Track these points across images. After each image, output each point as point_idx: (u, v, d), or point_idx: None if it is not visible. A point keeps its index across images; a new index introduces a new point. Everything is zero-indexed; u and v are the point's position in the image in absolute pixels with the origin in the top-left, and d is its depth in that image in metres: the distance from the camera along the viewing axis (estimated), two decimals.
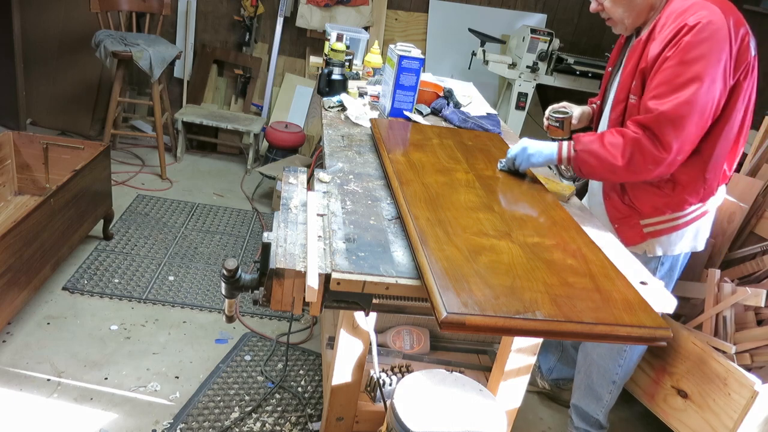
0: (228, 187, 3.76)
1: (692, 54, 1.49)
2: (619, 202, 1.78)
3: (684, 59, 1.50)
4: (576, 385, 2.12)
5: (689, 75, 1.49)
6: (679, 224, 1.74)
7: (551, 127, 2.00)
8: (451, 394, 1.43)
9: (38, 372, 2.08)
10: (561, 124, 1.97)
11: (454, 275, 1.12)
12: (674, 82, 1.51)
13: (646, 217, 1.75)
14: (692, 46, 1.49)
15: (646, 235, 1.76)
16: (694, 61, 1.49)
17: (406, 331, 2.17)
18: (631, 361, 1.98)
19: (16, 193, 2.84)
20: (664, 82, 1.53)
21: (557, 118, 1.97)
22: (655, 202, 1.71)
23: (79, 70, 3.92)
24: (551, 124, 1.99)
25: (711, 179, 1.66)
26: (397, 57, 2.04)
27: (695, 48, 1.49)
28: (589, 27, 4.44)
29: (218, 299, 2.63)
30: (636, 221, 1.76)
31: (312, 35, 4.19)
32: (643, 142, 1.53)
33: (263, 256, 1.24)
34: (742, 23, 1.57)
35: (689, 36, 1.49)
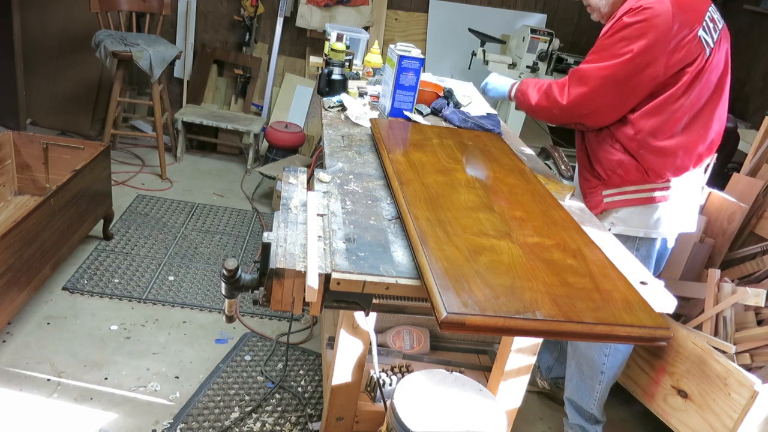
0: (228, 187, 3.76)
1: (623, 32, 1.64)
2: (587, 173, 1.92)
3: (614, 34, 1.66)
4: (568, 378, 2.13)
5: (612, 50, 1.65)
6: (636, 198, 1.82)
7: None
8: (451, 394, 1.43)
9: (38, 372, 2.08)
10: None
11: (454, 275, 1.12)
12: (599, 53, 1.69)
13: (608, 187, 1.86)
14: (625, 24, 1.64)
15: (606, 205, 1.86)
16: (621, 39, 1.64)
17: (406, 331, 2.17)
18: (617, 351, 2.00)
19: (16, 193, 2.84)
20: (592, 51, 1.73)
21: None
22: (613, 168, 1.82)
23: (79, 70, 3.92)
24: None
25: (652, 160, 1.75)
26: (397, 57, 2.03)
27: (627, 27, 1.63)
28: (589, 27, 4.44)
29: (218, 299, 2.63)
30: (600, 191, 1.88)
31: (312, 35, 4.20)
32: (554, 89, 1.77)
33: (263, 256, 1.24)
34: (693, 17, 1.64)
35: (627, 16, 1.64)
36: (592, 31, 4.44)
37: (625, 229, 1.86)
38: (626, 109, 1.73)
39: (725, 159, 3.11)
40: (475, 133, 2.09)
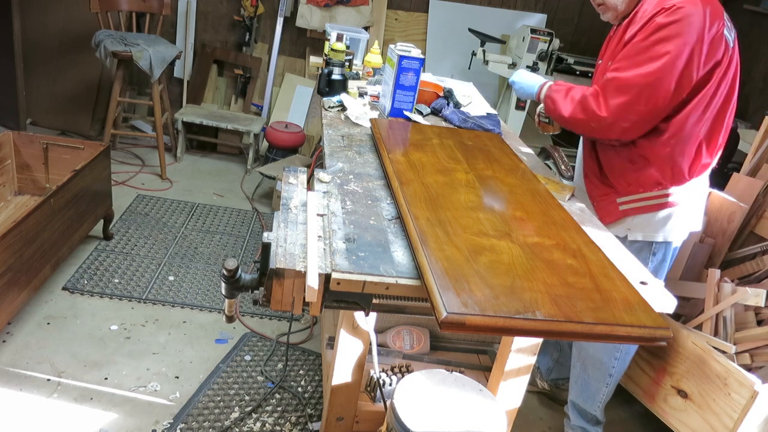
0: (228, 187, 3.76)
1: (659, 34, 1.56)
2: (597, 180, 1.86)
3: (649, 37, 1.58)
4: (572, 382, 2.12)
5: (650, 53, 1.57)
6: (653, 205, 1.78)
7: (542, 123, 2.04)
8: (451, 394, 1.43)
9: (38, 372, 2.08)
10: (550, 120, 2.01)
11: (454, 275, 1.12)
12: (635, 58, 1.60)
13: (622, 195, 1.81)
14: (661, 26, 1.56)
15: (622, 213, 1.81)
16: (658, 40, 1.56)
17: (406, 331, 2.17)
18: (627, 354, 1.99)
19: (16, 193, 2.84)
20: (625, 56, 1.63)
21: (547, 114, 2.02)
22: (627, 177, 1.78)
23: (79, 70, 3.92)
24: (542, 121, 2.04)
25: (681, 162, 1.71)
26: (397, 57, 2.03)
27: (663, 28, 1.56)
28: (589, 27, 4.44)
29: (218, 299, 2.63)
30: (613, 198, 1.83)
31: (312, 35, 4.20)
32: (590, 100, 1.66)
33: (263, 256, 1.24)
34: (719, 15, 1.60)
35: (661, 17, 1.57)
36: (592, 31, 4.44)
37: (643, 235, 1.83)
38: (664, 116, 1.66)
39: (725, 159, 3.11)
40: (475, 133, 2.09)
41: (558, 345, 2.32)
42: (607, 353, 1.98)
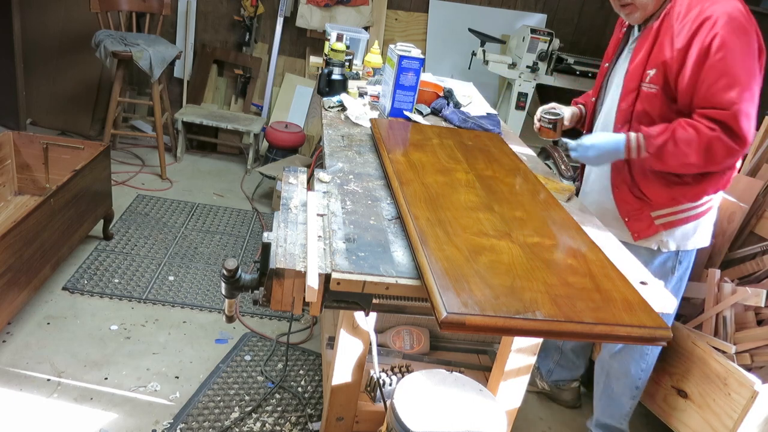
0: (228, 187, 3.76)
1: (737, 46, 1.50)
2: (628, 194, 1.77)
3: (732, 50, 1.50)
4: (596, 401, 2.09)
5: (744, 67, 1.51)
6: (691, 215, 1.73)
7: (543, 128, 1.99)
8: (451, 394, 1.43)
9: (38, 372, 2.08)
10: (554, 126, 1.97)
11: (454, 275, 1.12)
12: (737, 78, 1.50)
13: (658, 208, 1.74)
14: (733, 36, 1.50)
15: (658, 227, 1.75)
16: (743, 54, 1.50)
17: (406, 331, 2.17)
18: (651, 364, 1.97)
19: (16, 193, 2.84)
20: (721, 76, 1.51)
21: (549, 119, 1.97)
22: (672, 193, 1.70)
23: (79, 70, 3.92)
24: (543, 126, 1.99)
25: (733, 169, 1.69)
26: (397, 57, 2.04)
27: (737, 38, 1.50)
28: (589, 27, 4.44)
29: (218, 299, 2.63)
30: (647, 213, 1.75)
31: (312, 35, 4.20)
32: (722, 138, 1.52)
33: (263, 256, 1.24)
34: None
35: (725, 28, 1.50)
36: (592, 31, 4.44)
37: (677, 245, 1.77)
38: None
39: None
40: (475, 133, 2.09)
41: (559, 348, 2.32)
42: (634, 364, 1.95)
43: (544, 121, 1.98)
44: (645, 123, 1.67)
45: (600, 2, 4.37)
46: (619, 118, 1.75)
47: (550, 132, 1.98)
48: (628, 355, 1.96)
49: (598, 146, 1.69)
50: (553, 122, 1.96)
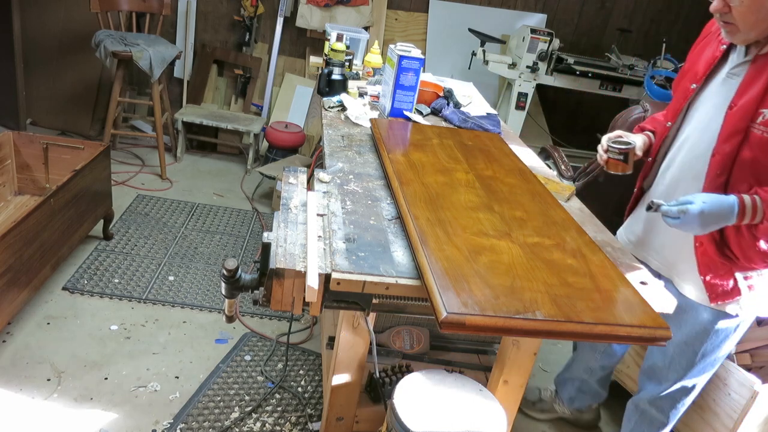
0: (228, 187, 3.76)
1: None
2: (714, 252, 1.49)
3: None
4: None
5: None
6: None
7: (612, 161, 1.65)
8: (451, 394, 1.43)
9: (38, 372, 2.08)
10: (624, 157, 1.63)
11: (454, 275, 1.12)
12: None
13: (745, 269, 1.50)
14: None
15: (742, 290, 1.52)
16: None
17: (406, 331, 2.17)
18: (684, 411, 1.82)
19: (16, 193, 2.84)
20: None
21: (620, 149, 1.62)
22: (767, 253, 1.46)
23: (79, 70, 3.92)
24: (613, 158, 1.64)
25: None
26: (397, 57, 2.04)
27: None
28: (589, 27, 4.44)
29: (218, 299, 2.63)
30: (732, 273, 1.51)
31: (312, 35, 4.20)
32: None
33: (263, 256, 1.24)
34: None
35: None
36: (592, 31, 4.45)
37: (756, 310, 1.57)
38: None
39: None
40: (475, 133, 2.09)
41: (581, 375, 2.14)
42: (674, 411, 1.80)
43: (613, 151, 1.64)
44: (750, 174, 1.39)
45: (600, 2, 4.37)
46: (717, 164, 1.43)
47: (620, 164, 1.65)
48: (668, 404, 1.80)
49: (707, 214, 1.34)
50: (624, 153, 1.63)
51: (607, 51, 4.18)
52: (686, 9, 4.42)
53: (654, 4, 4.40)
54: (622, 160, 1.64)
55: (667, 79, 3.67)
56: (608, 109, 4.35)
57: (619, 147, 1.62)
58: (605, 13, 4.41)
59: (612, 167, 1.66)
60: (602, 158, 1.67)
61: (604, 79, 3.84)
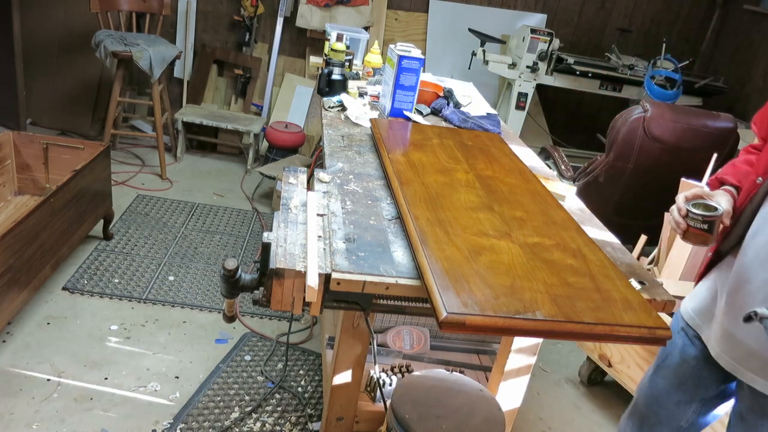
0: (228, 187, 3.76)
1: None
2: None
3: None
4: None
5: None
6: None
7: (693, 231, 1.23)
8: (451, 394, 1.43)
9: (38, 372, 2.08)
10: (710, 227, 1.22)
11: (454, 275, 1.12)
12: None
13: None
14: None
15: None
16: None
17: (406, 331, 2.17)
18: None
19: (16, 193, 2.84)
20: None
21: (705, 217, 1.22)
22: None
23: (79, 70, 3.92)
24: (695, 227, 1.23)
25: None
26: (397, 57, 2.04)
27: None
28: (589, 27, 4.44)
29: (218, 299, 2.63)
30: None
31: (312, 35, 4.20)
32: None
33: (263, 256, 1.24)
34: None
35: None
36: (592, 31, 4.44)
37: None
38: None
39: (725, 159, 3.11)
40: (475, 133, 2.09)
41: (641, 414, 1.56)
42: None
43: (695, 219, 1.23)
44: None
45: (600, 2, 4.38)
46: None
47: (704, 235, 1.23)
48: None
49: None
50: (710, 221, 1.22)
51: (607, 51, 4.18)
52: (686, 9, 4.42)
53: (654, 4, 4.40)
54: (707, 230, 1.23)
55: (667, 79, 3.67)
56: (608, 109, 4.36)
57: (703, 215, 1.22)
58: (605, 13, 4.41)
59: (691, 238, 1.25)
60: (680, 226, 1.24)
61: (604, 79, 3.84)
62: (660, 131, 2.76)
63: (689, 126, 2.78)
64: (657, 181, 2.87)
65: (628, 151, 2.82)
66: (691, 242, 1.26)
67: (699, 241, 1.25)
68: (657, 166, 2.84)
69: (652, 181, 2.90)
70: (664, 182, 2.64)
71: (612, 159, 2.86)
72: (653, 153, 2.81)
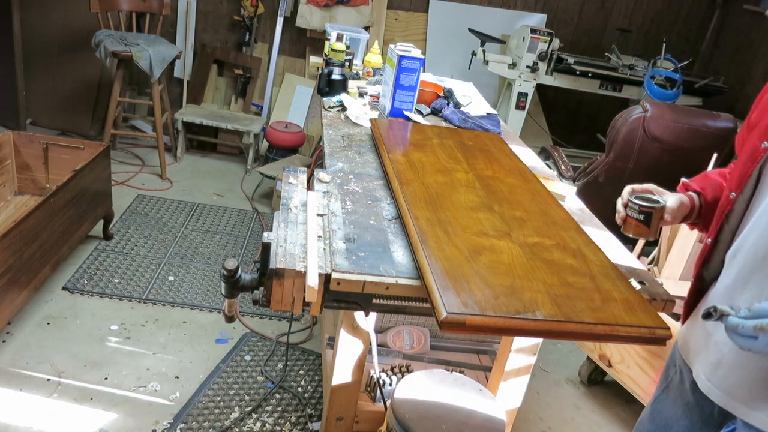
0: (228, 187, 3.76)
1: None
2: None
3: None
4: None
5: None
6: None
7: (630, 220, 1.27)
8: (451, 394, 1.43)
9: (38, 372, 2.08)
10: (646, 218, 1.25)
11: (454, 275, 1.12)
12: None
13: None
14: None
15: None
16: None
17: (406, 331, 2.17)
18: None
19: (16, 193, 2.84)
20: None
21: (643, 207, 1.25)
22: None
23: (79, 70, 3.92)
24: (631, 216, 1.27)
25: None
26: (397, 57, 2.04)
27: None
28: (589, 27, 4.44)
29: (218, 299, 2.63)
30: None
31: (312, 35, 4.20)
32: None
33: (263, 256, 1.24)
34: None
35: None
36: (592, 31, 4.44)
37: None
38: None
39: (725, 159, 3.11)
40: (475, 133, 2.09)
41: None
42: None
43: (633, 208, 1.27)
44: None
45: (600, 2, 4.38)
46: None
47: (641, 227, 1.26)
48: None
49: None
50: (646, 212, 1.25)
51: (607, 51, 4.18)
52: (686, 9, 4.42)
53: (654, 4, 4.40)
54: (642, 221, 1.25)
55: (667, 79, 3.67)
56: (608, 109, 4.36)
57: (640, 204, 1.25)
58: (605, 13, 4.41)
59: (629, 229, 1.28)
60: (619, 214, 1.29)
61: (604, 79, 3.84)
62: (660, 131, 2.76)
63: (689, 126, 2.78)
64: (657, 181, 2.84)
65: (628, 151, 2.82)
66: (630, 233, 1.29)
67: (636, 232, 1.27)
68: (657, 166, 2.84)
69: (652, 181, 2.89)
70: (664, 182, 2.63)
71: (612, 159, 2.86)
72: (653, 153, 2.81)
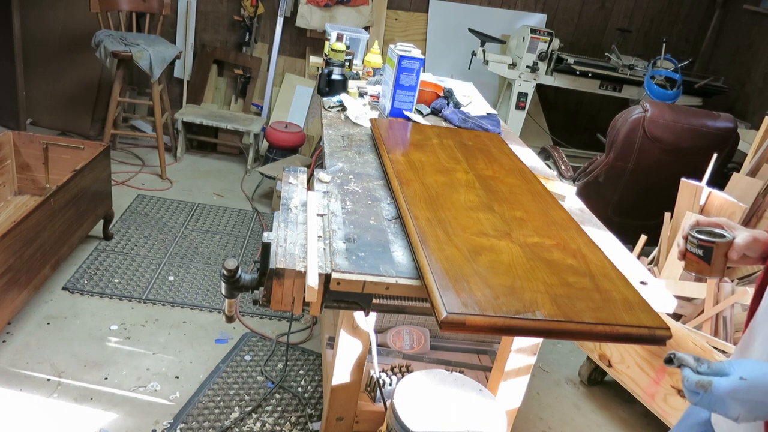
0: (228, 187, 3.76)
1: None
2: None
3: None
4: None
5: None
6: None
7: (690, 255, 1.12)
8: (451, 394, 1.43)
9: (38, 372, 2.08)
10: (707, 254, 1.09)
11: (454, 275, 1.12)
12: None
13: None
14: None
15: None
16: None
17: (406, 331, 2.17)
18: None
19: (16, 193, 2.84)
20: None
21: (702, 241, 1.09)
22: None
23: (79, 70, 3.92)
24: (691, 251, 1.11)
25: None
26: (397, 57, 2.04)
27: None
28: (589, 27, 4.44)
29: (218, 299, 2.63)
30: None
31: (312, 35, 4.20)
32: None
33: (263, 256, 1.24)
34: None
35: None
36: (592, 31, 4.45)
37: None
38: None
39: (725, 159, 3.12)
40: (475, 133, 2.09)
41: None
42: None
43: (692, 243, 1.11)
44: None
45: (600, 2, 4.38)
46: None
47: (701, 264, 1.10)
48: None
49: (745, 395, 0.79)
50: (707, 247, 1.09)
51: (607, 51, 4.18)
52: (686, 9, 4.42)
53: (654, 4, 4.40)
54: (702, 256, 1.10)
55: (667, 79, 3.67)
56: (608, 109, 4.36)
57: (699, 238, 1.09)
58: (605, 13, 4.41)
59: (690, 265, 1.13)
60: (679, 247, 1.14)
61: (604, 79, 3.84)
62: (660, 131, 2.76)
63: (689, 126, 2.78)
64: (657, 181, 2.87)
65: (628, 151, 2.82)
66: (691, 270, 1.13)
67: (697, 269, 1.11)
68: (657, 166, 2.85)
69: (652, 181, 2.91)
70: (664, 182, 2.65)
71: (612, 159, 2.86)
72: (653, 153, 2.81)
